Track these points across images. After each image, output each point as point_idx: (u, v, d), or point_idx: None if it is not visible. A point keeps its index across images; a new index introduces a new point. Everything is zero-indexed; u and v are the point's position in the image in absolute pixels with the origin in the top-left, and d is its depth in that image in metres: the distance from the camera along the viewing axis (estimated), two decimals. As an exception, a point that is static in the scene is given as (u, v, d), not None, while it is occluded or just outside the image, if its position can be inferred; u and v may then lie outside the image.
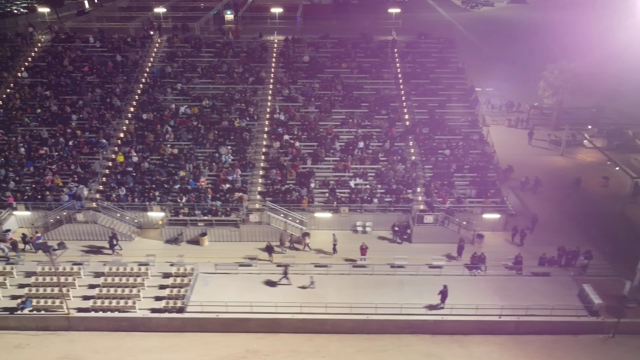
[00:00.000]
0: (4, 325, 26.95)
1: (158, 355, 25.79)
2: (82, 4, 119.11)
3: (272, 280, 29.34)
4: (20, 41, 46.33)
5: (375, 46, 45.77)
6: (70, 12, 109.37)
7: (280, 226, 32.66)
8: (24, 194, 33.90)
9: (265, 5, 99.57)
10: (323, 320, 26.65)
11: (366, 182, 34.81)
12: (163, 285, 28.98)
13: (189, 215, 32.76)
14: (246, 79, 42.44)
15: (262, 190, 34.91)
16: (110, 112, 39.51)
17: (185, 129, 38.29)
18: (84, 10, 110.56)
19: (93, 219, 32.53)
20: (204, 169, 35.53)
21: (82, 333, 27.04)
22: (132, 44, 46.03)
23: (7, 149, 36.85)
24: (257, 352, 25.92)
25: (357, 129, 38.41)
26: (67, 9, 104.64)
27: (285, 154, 36.67)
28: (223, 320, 26.68)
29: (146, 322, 26.84)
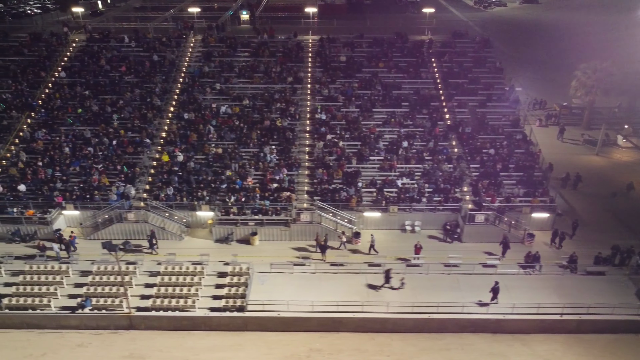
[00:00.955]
0: (65, 324, 26.95)
1: (221, 354, 25.78)
2: (96, 5, 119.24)
3: (326, 278, 29.36)
4: (55, 41, 46.34)
5: (410, 46, 45.74)
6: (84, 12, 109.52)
7: (330, 225, 32.64)
8: (72, 193, 33.90)
9: (280, 5, 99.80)
10: (384, 320, 26.64)
11: (413, 182, 34.81)
12: (219, 285, 28.99)
13: (239, 215, 32.72)
14: (284, 78, 42.45)
15: (309, 190, 34.90)
16: (151, 112, 39.52)
17: (227, 128, 38.30)
18: (97, 11, 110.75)
19: (144, 219, 32.52)
20: (250, 169, 35.53)
21: (142, 332, 27.04)
22: (168, 43, 46.05)
23: (51, 148, 36.88)
24: (320, 350, 25.92)
25: (400, 129, 38.41)
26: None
27: (329, 154, 36.67)
28: (284, 319, 26.66)
29: (207, 320, 26.83)
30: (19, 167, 35.60)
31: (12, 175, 35.19)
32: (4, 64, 43.96)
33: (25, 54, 45.20)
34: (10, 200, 33.58)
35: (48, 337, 26.67)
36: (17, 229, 32.54)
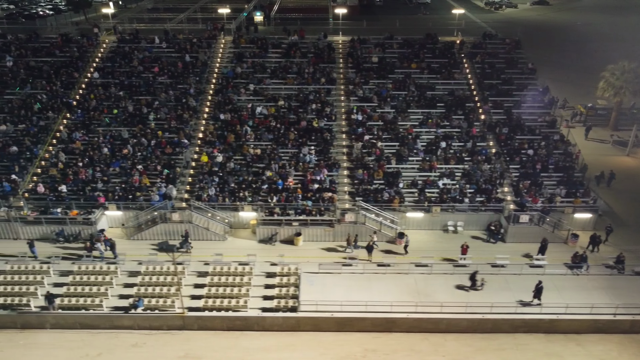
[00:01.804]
0: (118, 324, 26.96)
1: (276, 354, 25.79)
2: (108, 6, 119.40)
3: (375, 279, 29.38)
4: (86, 42, 46.41)
5: (441, 47, 45.81)
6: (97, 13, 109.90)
7: (374, 226, 32.67)
8: (114, 194, 33.91)
9: (293, 6, 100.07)
10: (438, 320, 26.66)
11: (454, 182, 34.84)
12: (268, 285, 29.00)
13: (283, 215, 32.75)
14: (318, 79, 42.52)
15: (350, 190, 34.93)
16: (187, 113, 39.56)
17: (264, 129, 38.34)
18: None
19: (188, 219, 32.54)
20: (290, 169, 35.56)
21: (195, 332, 27.04)
22: (199, 44, 46.11)
23: (90, 149, 36.90)
24: (375, 351, 25.93)
25: (437, 129, 38.46)
26: (93, 10, 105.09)
27: (368, 154, 36.71)
28: (338, 319, 26.68)
29: (260, 321, 26.84)
30: (59, 167, 35.62)
31: (52, 175, 35.21)
32: (36, 64, 44.02)
33: (57, 55, 45.24)
34: (52, 200, 33.60)
35: (102, 337, 26.67)
36: (61, 229, 32.57)
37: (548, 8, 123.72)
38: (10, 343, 26.28)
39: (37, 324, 26.98)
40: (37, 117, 39.14)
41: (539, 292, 27.28)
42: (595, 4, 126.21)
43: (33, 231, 32.80)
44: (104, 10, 57.05)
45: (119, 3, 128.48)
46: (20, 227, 32.76)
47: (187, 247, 31.39)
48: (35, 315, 26.85)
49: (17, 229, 32.80)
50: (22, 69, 43.25)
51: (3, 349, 25.91)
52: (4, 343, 26.25)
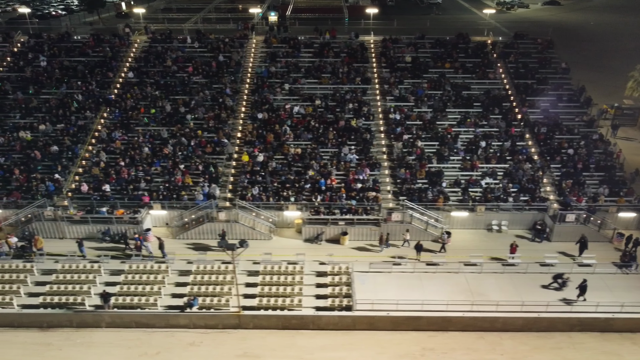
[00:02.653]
0: (174, 323, 26.98)
1: (334, 353, 25.82)
2: (120, 6, 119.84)
3: (426, 278, 29.43)
4: (118, 42, 46.47)
5: (474, 46, 45.88)
6: (109, 13, 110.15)
7: (420, 225, 32.73)
8: (158, 193, 33.96)
9: (306, 6, 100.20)
10: (494, 318, 26.68)
11: (496, 181, 34.89)
12: (319, 284, 29.05)
13: (329, 214, 32.80)
14: (352, 79, 42.58)
15: (393, 190, 34.97)
16: (225, 112, 39.61)
17: (303, 128, 38.40)
18: (121, 12, 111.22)
19: (235, 218, 32.60)
20: (331, 168, 35.61)
21: (251, 331, 27.06)
22: (232, 44, 46.18)
23: (130, 148, 36.95)
24: (433, 349, 25.96)
25: (475, 129, 38.52)
26: (105, 10, 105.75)
27: (409, 153, 36.76)
28: (394, 318, 26.71)
29: (316, 320, 26.88)
30: (101, 167, 35.66)
31: (95, 175, 35.26)
32: (70, 64, 44.08)
33: (90, 55, 45.30)
34: (97, 200, 33.65)
35: (158, 336, 26.70)
36: (107, 228, 32.60)
37: (559, 8, 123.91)
38: (68, 342, 26.32)
39: (93, 323, 27.01)
40: (75, 116, 39.20)
41: (583, 290, 27.35)
42: (605, 4, 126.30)
43: (79, 230, 32.85)
44: (135, 10, 56.91)
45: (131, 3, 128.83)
46: (67, 226, 32.82)
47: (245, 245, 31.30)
48: (92, 314, 26.89)
49: (64, 228, 32.86)
50: (56, 68, 43.31)
51: (62, 347, 25.96)
52: (62, 342, 26.29)
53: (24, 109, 39.90)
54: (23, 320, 26.91)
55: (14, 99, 40.79)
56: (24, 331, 26.90)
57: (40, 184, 34.29)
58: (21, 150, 36.78)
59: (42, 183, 34.34)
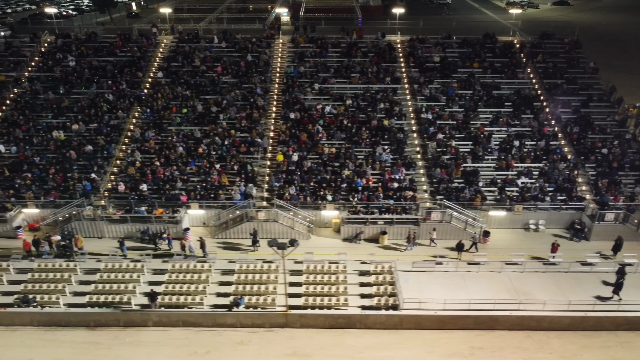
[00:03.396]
0: (221, 322, 27.03)
1: (383, 352, 25.85)
2: (130, 7, 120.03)
3: (469, 277, 29.50)
4: (146, 42, 46.53)
5: (501, 46, 45.95)
6: (121, 14, 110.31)
7: (460, 224, 32.78)
8: (196, 193, 34.01)
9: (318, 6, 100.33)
10: (541, 317, 26.72)
11: (532, 180, 34.95)
12: (363, 283, 29.12)
13: (368, 214, 32.86)
14: (382, 78, 42.65)
15: (429, 189, 35.01)
16: (257, 112, 39.68)
17: (336, 128, 38.46)
18: (132, 13, 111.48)
19: (274, 218, 32.65)
20: (367, 168, 35.66)
21: (298, 330, 27.08)
22: (259, 44, 46.26)
23: (165, 148, 37.00)
24: (481, 348, 26.00)
25: (507, 128, 38.58)
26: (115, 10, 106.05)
27: (443, 153, 36.82)
28: (441, 317, 26.76)
29: (363, 319, 26.92)
30: (137, 166, 35.71)
31: (131, 174, 35.31)
32: (98, 64, 44.13)
33: (118, 55, 45.35)
34: (134, 199, 33.69)
35: (205, 335, 26.74)
36: (146, 227, 32.66)
37: (569, 8, 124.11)
38: (117, 341, 26.36)
39: (140, 322, 27.04)
40: (107, 116, 39.25)
41: (618, 287, 27.42)
42: (614, 4, 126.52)
43: (118, 230, 32.91)
44: (161, 10, 56.92)
45: (141, 3, 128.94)
46: (106, 225, 32.88)
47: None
48: (139, 313, 26.93)
49: (102, 228, 32.92)
50: (85, 68, 43.36)
51: (111, 346, 25.99)
52: (111, 341, 26.33)
53: (55, 109, 39.96)
54: (71, 319, 26.95)
55: (45, 98, 40.87)
56: (71, 330, 26.94)
57: (77, 183, 34.33)
58: (56, 150, 36.83)
59: (78, 182, 34.39)
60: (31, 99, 40.89)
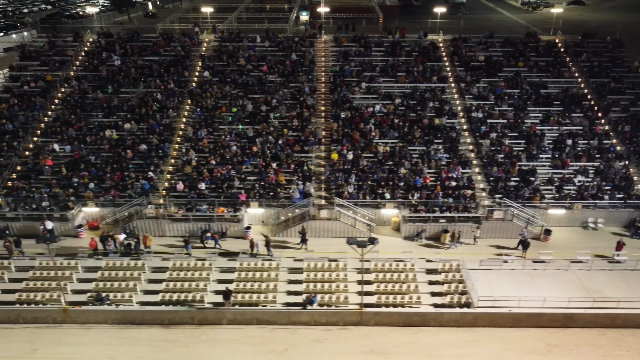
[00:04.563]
0: (295, 320, 27.06)
1: (461, 349, 25.90)
2: (147, 6, 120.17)
3: (537, 275, 29.56)
4: (189, 41, 46.59)
5: (544, 45, 46.03)
6: (138, 14, 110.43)
7: (522, 223, 32.85)
8: (255, 191, 34.06)
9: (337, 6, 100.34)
10: (615, 315, 26.78)
11: (589, 179, 35.03)
12: (432, 281, 29.22)
13: (429, 212, 32.93)
14: (428, 77, 42.71)
15: (485, 188, 35.08)
16: (308, 111, 39.75)
17: (388, 126, 38.53)
18: (148, 13, 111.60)
19: (336, 217, 32.73)
20: (423, 167, 35.72)
21: (372, 328, 27.11)
22: (302, 43, 46.33)
23: (219, 147, 37.06)
24: (558, 346, 26.05)
25: (559, 127, 38.66)
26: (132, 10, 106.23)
27: (497, 152, 36.89)
28: (515, 315, 26.82)
29: (438, 317, 26.99)
30: (193, 165, 35.78)
31: (188, 173, 35.37)
32: (143, 63, 44.20)
33: (162, 54, 45.42)
34: (194, 198, 33.76)
35: (280, 333, 26.79)
36: (208, 226, 32.72)
37: (584, 8, 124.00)
38: (193, 339, 26.43)
39: (214, 320, 27.10)
40: (158, 115, 39.31)
41: None
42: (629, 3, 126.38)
43: (179, 228, 32.99)
44: (202, 10, 56.91)
45: (157, 3, 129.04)
46: (167, 224, 32.95)
47: (376, 242, 31.08)
48: (214, 312, 27.00)
49: (164, 226, 33.01)
50: (131, 67, 43.42)
51: (189, 344, 26.05)
52: (187, 339, 26.39)
53: (106, 108, 40.01)
54: (145, 317, 27.01)
55: (94, 98, 40.93)
56: (146, 328, 26.99)
57: (135, 182, 34.40)
58: (110, 149, 36.89)
59: (136, 181, 34.46)
60: (80, 98, 40.94)
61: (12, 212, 32.83)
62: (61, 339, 26.32)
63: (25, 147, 37.33)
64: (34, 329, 26.93)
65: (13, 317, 27.00)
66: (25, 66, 44.22)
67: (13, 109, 39.79)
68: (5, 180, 34.89)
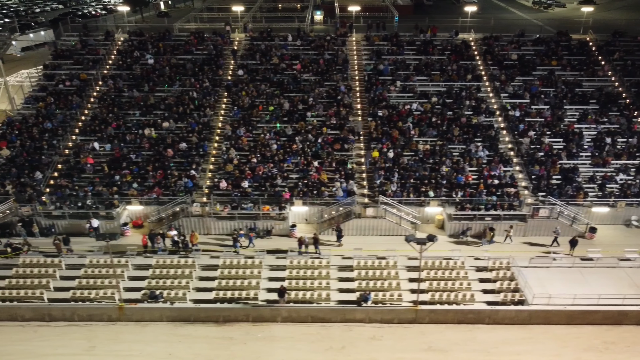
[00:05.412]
0: (350, 317, 27.12)
1: (517, 347, 25.95)
2: (159, 6, 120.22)
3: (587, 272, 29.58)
4: (221, 40, 46.65)
5: (576, 44, 46.09)
6: (150, 13, 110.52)
7: (567, 221, 32.91)
8: (298, 190, 34.09)
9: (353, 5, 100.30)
10: (670, 312, 26.90)
11: (631, 177, 35.07)
12: (482, 279, 29.27)
13: (474, 210, 32.98)
14: (463, 76, 42.76)
15: (527, 186, 35.10)
16: (345, 109, 39.80)
17: (427, 125, 38.58)
18: (161, 12, 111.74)
19: (381, 215, 32.78)
20: (464, 165, 35.77)
21: (427, 325, 27.19)
22: (334, 41, 46.38)
23: (259, 145, 37.11)
24: (614, 343, 26.09)
25: (597, 125, 38.71)
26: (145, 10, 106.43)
27: (537, 150, 36.93)
28: (570, 312, 26.87)
29: (493, 314, 27.04)
30: (234, 164, 35.82)
31: (229, 172, 35.41)
32: (177, 62, 44.24)
33: (194, 53, 45.47)
34: (237, 196, 33.80)
35: (335, 330, 26.83)
36: (254, 224, 32.77)
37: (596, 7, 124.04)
38: (249, 336, 26.47)
39: (269, 318, 27.16)
40: (196, 113, 39.36)
41: None
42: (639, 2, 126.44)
43: (224, 226, 33.05)
44: (234, 9, 56.97)
45: (169, 2, 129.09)
46: (213, 222, 32.99)
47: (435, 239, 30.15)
48: (269, 309, 27.06)
49: (209, 224, 33.06)
50: (165, 66, 43.46)
51: (246, 342, 26.10)
52: (244, 336, 26.43)
53: (143, 107, 40.05)
54: (200, 314, 27.07)
55: (130, 96, 40.99)
56: (201, 325, 27.03)
57: (178, 180, 34.44)
58: (150, 148, 36.93)
59: (179, 180, 34.50)
60: (116, 97, 40.99)
61: (58, 211, 32.83)
62: (118, 336, 26.38)
63: (65, 146, 37.37)
64: (89, 326, 27.01)
65: (68, 314, 27.08)
66: (59, 65, 44.27)
67: (51, 108, 39.83)
68: (48, 179, 34.93)
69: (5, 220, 32.59)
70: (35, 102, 40.75)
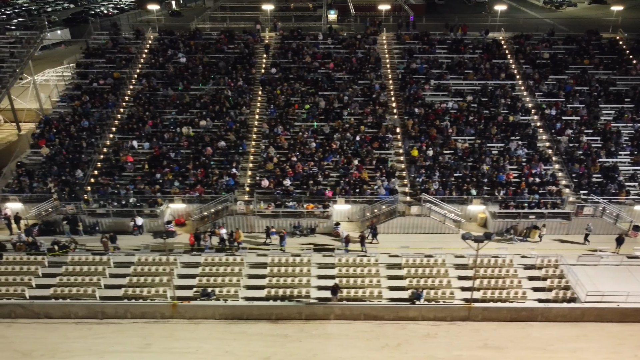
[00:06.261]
0: (402, 315, 27.15)
1: (573, 344, 25.97)
2: (170, 5, 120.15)
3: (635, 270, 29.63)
4: (251, 38, 46.65)
5: (607, 43, 46.13)
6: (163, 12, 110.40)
7: (610, 219, 32.94)
8: (340, 188, 34.10)
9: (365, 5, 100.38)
10: None
11: (672, 176, 35.17)
12: (531, 277, 29.29)
13: (519, 209, 32.99)
14: (496, 74, 42.77)
15: (569, 184, 35.11)
16: (381, 108, 39.82)
17: (464, 123, 38.59)
18: (173, 11, 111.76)
19: (426, 213, 32.80)
20: (504, 163, 35.78)
21: (480, 323, 27.21)
22: (365, 40, 46.39)
23: (298, 144, 37.10)
24: (669, 341, 26.20)
25: (634, 124, 38.74)
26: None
27: (575, 148, 36.95)
28: (623, 310, 26.92)
29: (546, 312, 27.07)
30: (274, 162, 35.82)
31: (269, 170, 35.41)
32: (209, 60, 44.25)
33: (225, 51, 45.47)
34: (279, 194, 33.80)
35: (389, 328, 26.86)
36: (298, 223, 32.77)
37: (607, 7, 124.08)
38: (303, 334, 26.49)
39: (322, 315, 27.17)
40: (232, 112, 39.36)
41: None
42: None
43: (267, 224, 32.97)
44: (263, 7, 56.91)
45: (180, 2, 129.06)
46: (257, 220, 33.00)
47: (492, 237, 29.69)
48: (322, 307, 27.06)
49: (253, 222, 33.07)
50: (198, 65, 43.45)
51: (301, 339, 26.12)
52: (298, 334, 26.46)
53: (178, 105, 40.05)
54: (253, 312, 27.09)
55: (165, 95, 40.99)
56: (254, 323, 27.07)
57: (219, 179, 34.44)
58: (188, 146, 36.92)
59: (220, 178, 34.50)
60: (151, 95, 40.99)
61: (102, 209, 32.83)
62: (173, 334, 26.41)
63: (103, 144, 37.37)
64: (143, 324, 27.04)
65: (121, 312, 27.09)
66: (91, 63, 44.25)
67: (86, 106, 39.81)
68: (89, 177, 34.93)
69: (50, 219, 32.59)
70: (71, 100, 40.74)
